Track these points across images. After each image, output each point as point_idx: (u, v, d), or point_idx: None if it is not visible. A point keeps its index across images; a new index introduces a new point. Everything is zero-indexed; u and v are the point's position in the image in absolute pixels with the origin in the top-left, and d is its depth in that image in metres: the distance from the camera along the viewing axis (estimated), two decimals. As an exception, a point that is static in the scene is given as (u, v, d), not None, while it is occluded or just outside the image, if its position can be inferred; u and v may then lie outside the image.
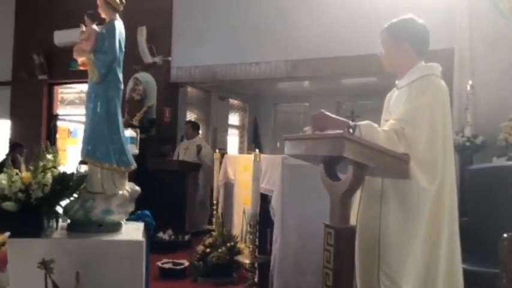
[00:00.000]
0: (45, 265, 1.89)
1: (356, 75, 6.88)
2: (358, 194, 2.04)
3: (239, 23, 6.80)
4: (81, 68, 2.41)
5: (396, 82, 2.26)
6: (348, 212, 2.00)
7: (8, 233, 2.25)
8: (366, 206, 2.08)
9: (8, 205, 1.99)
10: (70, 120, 9.45)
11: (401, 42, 2.15)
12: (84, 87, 9.05)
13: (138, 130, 6.82)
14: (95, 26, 2.42)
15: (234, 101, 9.90)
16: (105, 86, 2.32)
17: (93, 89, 2.34)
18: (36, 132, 8.70)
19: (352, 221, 2.03)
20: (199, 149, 6.65)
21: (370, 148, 1.89)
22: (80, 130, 8.99)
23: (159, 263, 4.26)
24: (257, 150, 3.64)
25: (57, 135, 8.97)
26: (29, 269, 1.95)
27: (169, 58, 7.55)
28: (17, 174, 2.09)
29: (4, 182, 2.04)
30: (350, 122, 2.02)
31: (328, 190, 2.05)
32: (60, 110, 9.35)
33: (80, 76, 7.79)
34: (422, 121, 2.00)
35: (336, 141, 1.88)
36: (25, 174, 2.10)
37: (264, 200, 3.94)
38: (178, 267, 4.26)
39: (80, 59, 2.37)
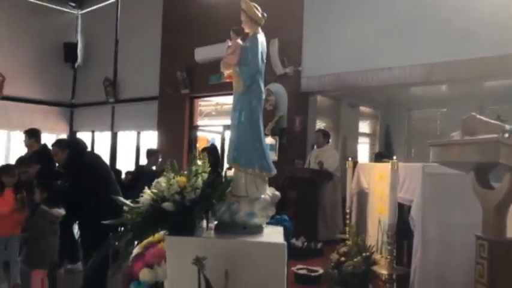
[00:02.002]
0: (199, 262, 2.05)
1: (500, 77, 6.27)
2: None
3: (370, 27, 6.67)
4: (227, 80, 2.59)
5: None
6: (504, 224, 1.85)
7: (163, 232, 2.50)
8: (526, 217, 1.89)
9: (167, 205, 2.21)
10: (208, 131, 10.16)
11: None
12: (219, 99, 9.71)
13: (278, 138, 7.05)
14: (239, 41, 2.59)
15: (364, 109, 9.68)
16: (249, 96, 2.46)
17: (238, 100, 2.49)
18: (180, 141, 9.52)
19: (509, 233, 1.87)
20: (320, 166, 6.63)
21: (532, 154, 1.72)
22: (217, 140, 9.61)
23: (293, 269, 4.34)
24: (394, 158, 3.53)
25: (197, 144, 9.69)
26: (184, 264, 2.13)
27: (300, 68, 7.70)
28: (173, 177, 2.32)
29: (164, 184, 2.27)
30: (506, 125, 1.86)
31: (481, 200, 1.92)
32: (199, 122, 10.11)
33: (217, 89, 8.46)
34: None
35: (489, 146, 1.76)
36: (180, 178, 2.31)
37: (401, 210, 3.80)
38: (313, 274, 4.29)
39: (227, 72, 2.56)
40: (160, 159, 7.37)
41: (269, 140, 6.96)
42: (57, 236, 4.62)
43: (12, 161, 6.03)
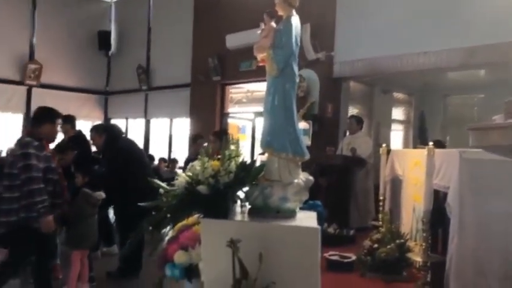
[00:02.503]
0: (233, 244, 2.06)
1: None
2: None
3: (405, 10, 6.48)
4: (261, 64, 2.57)
5: None
6: (548, 210, 1.78)
7: (197, 215, 2.53)
8: None
9: (202, 188, 2.24)
10: (239, 118, 10.17)
11: None
12: (250, 86, 9.70)
13: (311, 122, 6.96)
14: (273, 23, 2.56)
15: (398, 95, 9.47)
16: (283, 80, 2.44)
17: (272, 84, 2.48)
18: (211, 128, 9.56)
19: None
20: (353, 152, 6.54)
21: None
22: (248, 127, 9.63)
23: (326, 255, 4.32)
24: (431, 144, 3.45)
25: (229, 132, 9.72)
26: (219, 247, 2.15)
27: (332, 53, 7.58)
28: (207, 161, 2.34)
29: (198, 168, 2.30)
30: (552, 108, 1.79)
31: (523, 184, 1.85)
32: (230, 109, 10.13)
33: (248, 76, 8.45)
34: None
35: (534, 130, 1.69)
36: (214, 162, 2.33)
37: (436, 196, 3.73)
38: (346, 260, 4.26)
39: (260, 56, 2.54)
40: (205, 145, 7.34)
41: (302, 125, 6.92)
42: (96, 218, 4.76)
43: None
